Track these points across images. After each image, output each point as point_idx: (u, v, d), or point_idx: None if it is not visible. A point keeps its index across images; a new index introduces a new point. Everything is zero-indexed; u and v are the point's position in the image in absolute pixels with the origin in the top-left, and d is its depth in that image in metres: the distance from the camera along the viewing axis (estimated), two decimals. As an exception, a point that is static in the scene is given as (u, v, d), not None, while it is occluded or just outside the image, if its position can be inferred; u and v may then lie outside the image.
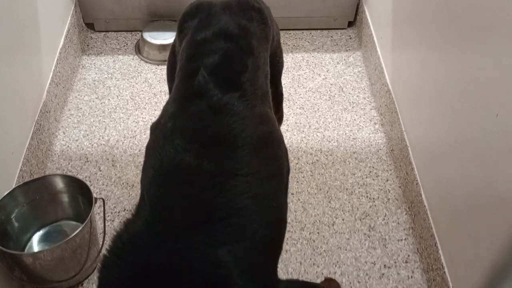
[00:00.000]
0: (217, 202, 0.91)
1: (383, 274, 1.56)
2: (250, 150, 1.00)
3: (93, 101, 2.15)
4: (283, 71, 2.31)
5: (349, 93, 2.19)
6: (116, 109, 2.11)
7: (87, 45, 2.44)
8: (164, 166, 0.97)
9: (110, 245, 0.92)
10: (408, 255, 1.61)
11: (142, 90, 2.21)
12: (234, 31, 1.18)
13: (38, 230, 1.59)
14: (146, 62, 2.35)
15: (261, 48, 1.21)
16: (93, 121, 2.06)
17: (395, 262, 1.59)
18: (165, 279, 0.85)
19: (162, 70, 2.30)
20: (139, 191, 1.77)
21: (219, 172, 0.94)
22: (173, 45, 1.36)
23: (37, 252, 1.45)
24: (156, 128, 1.09)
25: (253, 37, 1.20)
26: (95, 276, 1.55)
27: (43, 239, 1.58)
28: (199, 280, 0.85)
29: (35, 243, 1.57)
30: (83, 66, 2.33)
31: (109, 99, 2.16)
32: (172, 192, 0.94)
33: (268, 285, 0.95)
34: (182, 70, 1.15)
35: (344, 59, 2.37)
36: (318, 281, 1.54)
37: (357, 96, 2.18)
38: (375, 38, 2.20)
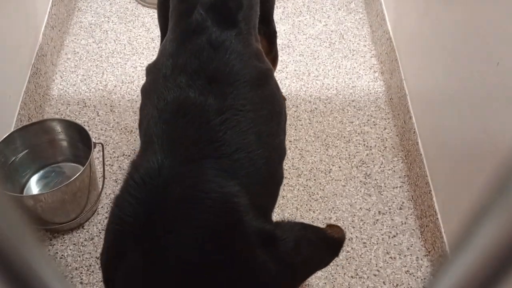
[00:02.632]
0: (225, 137, 0.93)
1: (377, 220, 1.60)
2: (252, 87, 1.01)
3: (90, 45, 2.12)
4: (284, 17, 2.27)
5: (350, 41, 2.16)
6: (114, 54, 2.09)
7: (83, -13, 2.38)
8: (169, 104, 0.97)
9: (122, 186, 0.93)
10: (403, 202, 1.64)
11: (139, 35, 2.17)
12: None
13: (37, 171, 1.60)
14: (144, 5, 2.30)
15: None
16: (91, 65, 2.04)
17: (390, 209, 1.62)
18: (180, 212, 0.86)
19: (160, 14, 2.25)
20: (137, 137, 1.78)
21: (225, 108, 0.95)
22: None
23: (37, 195, 1.47)
24: (153, 68, 1.08)
25: None
26: (95, 219, 1.58)
27: (41, 180, 1.60)
28: (213, 211, 0.87)
29: (33, 184, 1.59)
30: (79, 9, 2.28)
31: (106, 43, 2.13)
32: (180, 129, 0.95)
33: (267, 222, 0.97)
34: (177, 9, 1.14)
35: (346, 5, 2.33)
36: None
37: (358, 43, 2.15)
38: (378, -16, 2.15)
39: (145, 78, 1.14)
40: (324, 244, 1.07)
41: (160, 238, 0.85)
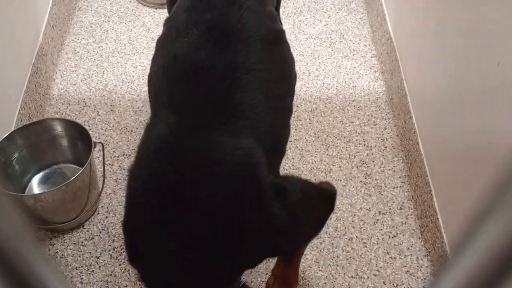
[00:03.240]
0: (236, 97, 0.93)
1: (377, 220, 1.60)
2: (263, 46, 1.00)
3: (91, 45, 2.12)
4: (284, 16, 2.27)
5: (350, 40, 2.16)
6: (114, 53, 2.09)
7: (83, -13, 2.38)
8: (180, 63, 0.96)
9: (136, 156, 0.93)
10: (403, 202, 1.64)
11: (140, 35, 2.17)
12: None
13: (38, 172, 1.60)
14: (144, 5, 2.30)
15: None
16: (91, 65, 2.04)
17: (390, 209, 1.62)
18: (199, 173, 0.88)
19: (160, 14, 2.25)
20: (138, 137, 1.79)
21: (235, 67, 0.94)
22: None
23: (38, 194, 1.48)
24: (169, 20, 1.07)
25: None
26: (95, 218, 1.58)
27: (43, 181, 1.60)
28: (232, 170, 0.88)
29: (35, 185, 1.59)
30: (79, 8, 2.28)
31: (106, 43, 2.13)
32: (191, 90, 0.94)
33: (277, 176, 1.00)
34: None
35: (346, 5, 2.33)
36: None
37: (358, 43, 2.15)
38: (378, -16, 2.15)
39: (145, 78, 1.14)
40: (322, 198, 1.10)
41: (183, 200, 0.87)
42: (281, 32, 1.10)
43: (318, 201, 1.09)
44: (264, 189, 0.90)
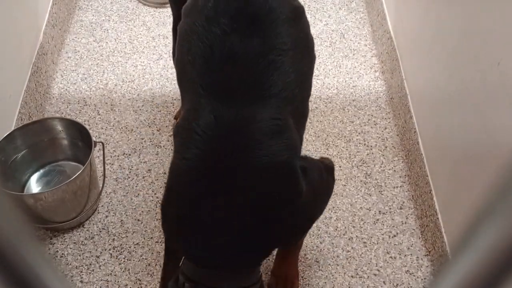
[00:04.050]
0: (272, 79, 1.00)
1: (377, 219, 1.60)
2: (290, 24, 1.05)
3: (91, 44, 2.12)
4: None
5: (350, 40, 2.16)
6: (114, 53, 2.09)
7: (84, -14, 2.38)
8: (215, 51, 1.00)
9: (179, 139, 1.00)
10: (403, 202, 1.64)
11: (140, 34, 2.17)
12: None
13: (37, 170, 1.60)
14: (144, 4, 2.30)
15: None
16: (91, 64, 2.04)
17: (390, 209, 1.62)
18: (243, 156, 0.96)
19: (161, 13, 2.25)
20: (138, 136, 1.79)
21: (269, 49, 1.00)
22: None
23: (38, 193, 1.47)
24: (193, 9, 1.08)
25: None
26: (96, 217, 1.58)
27: (42, 179, 1.60)
28: (270, 152, 0.97)
29: (33, 182, 1.59)
30: (79, 8, 2.28)
31: (107, 42, 2.13)
32: (229, 76, 0.99)
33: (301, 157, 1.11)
34: None
35: (346, 5, 2.33)
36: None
37: (358, 43, 2.15)
38: (378, -17, 2.15)
39: (145, 77, 1.14)
40: (328, 173, 1.21)
41: (227, 179, 0.97)
42: (301, 8, 1.15)
43: (326, 176, 1.20)
44: (296, 170, 1.01)
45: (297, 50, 1.06)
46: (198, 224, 0.99)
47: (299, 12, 1.12)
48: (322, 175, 1.17)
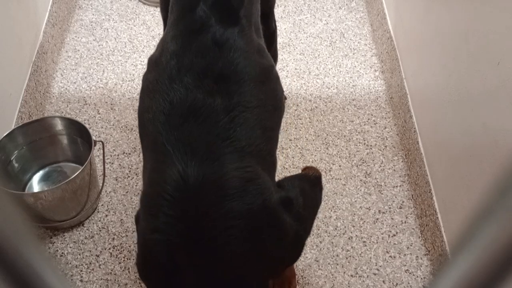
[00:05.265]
0: (235, 134, 0.98)
1: (377, 219, 1.60)
2: (255, 84, 1.04)
3: (91, 43, 2.12)
4: (284, 15, 2.27)
5: (350, 39, 2.16)
6: (114, 52, 2.09)
7: (84, -15, 2.38)
8: (177, 108, 0.99)
9: (153, 204, 0.94)
10: (403, 201, 1.64)
11: (140, 33, 2.17)
12: None
13: (38, 170, 1.61)
14: (144, 3, 2.30)
15: None
16: (91, 63, 2.04)
17: (390, 208, 1.62)
18: (217, 215, 0.91)
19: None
20: (138, 135, 1.78)
21: (232, 107, 0.99)
22: None
23: (38, 192, 1.48)
24: (156, 65, 1.08)
25: None
26: (95, 217, 1.58)
27: (43, 180, 1.60)
28: (246, 200, 0.93)
29: (35, 183, 1.59)
30: (79, 7, 2.28)
31: (107, 41, 2.13)
32: (193, 132, 0.97)
33: (279, 190, 1.07)
34: (179, 4, 1.13)
35: (347, 4, 2.33)
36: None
37: (358, 42, 2.15)
38: (379, -17, 2.15)
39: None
40: (314, 186, 1.20)
41: (208, 247, 0.92)
42: (270, 67, 1.14)
43: (312, 191, 1.18)
44: (275, 208, 0.98)
45: (263, 108, 1.04)
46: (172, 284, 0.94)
47: (268, 72, 1.11)
48: (309, 194, 1.14)
